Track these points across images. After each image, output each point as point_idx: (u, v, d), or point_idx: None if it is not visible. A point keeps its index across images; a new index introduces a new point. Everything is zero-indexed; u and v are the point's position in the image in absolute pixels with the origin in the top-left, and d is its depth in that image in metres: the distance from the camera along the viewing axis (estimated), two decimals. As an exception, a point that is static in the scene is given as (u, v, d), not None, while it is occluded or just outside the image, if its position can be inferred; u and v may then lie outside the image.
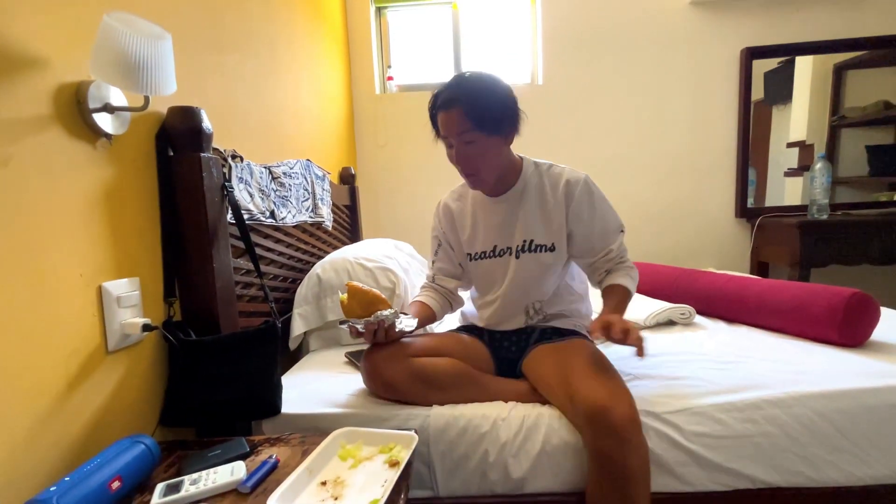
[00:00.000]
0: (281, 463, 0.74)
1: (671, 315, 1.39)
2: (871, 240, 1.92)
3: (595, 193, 1.05)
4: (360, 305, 0.94)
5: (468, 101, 0.94)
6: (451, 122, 0.95)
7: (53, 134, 0.70)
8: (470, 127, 0.94)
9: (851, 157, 2.28)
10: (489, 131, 0.96)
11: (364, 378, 0.99)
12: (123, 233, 0.82)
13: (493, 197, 1.08)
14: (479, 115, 0.94)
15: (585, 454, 0.82)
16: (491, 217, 1.08)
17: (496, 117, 0.96)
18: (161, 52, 0.72)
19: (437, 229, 1.18)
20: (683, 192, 2.33)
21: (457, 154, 0.98)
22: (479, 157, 0.97)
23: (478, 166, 0.99)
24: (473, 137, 0.95)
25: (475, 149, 0.97)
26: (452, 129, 0.96)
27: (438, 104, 0.98)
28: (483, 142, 0.96)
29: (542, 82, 2.33)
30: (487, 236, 1.09)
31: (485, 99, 0.95)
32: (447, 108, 0.95)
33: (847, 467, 0.84)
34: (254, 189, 1.16)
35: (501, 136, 0.99)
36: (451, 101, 0.95)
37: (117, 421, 0.79)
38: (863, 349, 1.06)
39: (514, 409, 0.90)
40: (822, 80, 2.25)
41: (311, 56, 1.87)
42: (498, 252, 1.08)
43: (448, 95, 0.96)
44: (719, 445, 0.84)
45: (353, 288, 0.96)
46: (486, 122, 0.95)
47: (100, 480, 0.62)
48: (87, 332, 0.75)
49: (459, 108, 0.94)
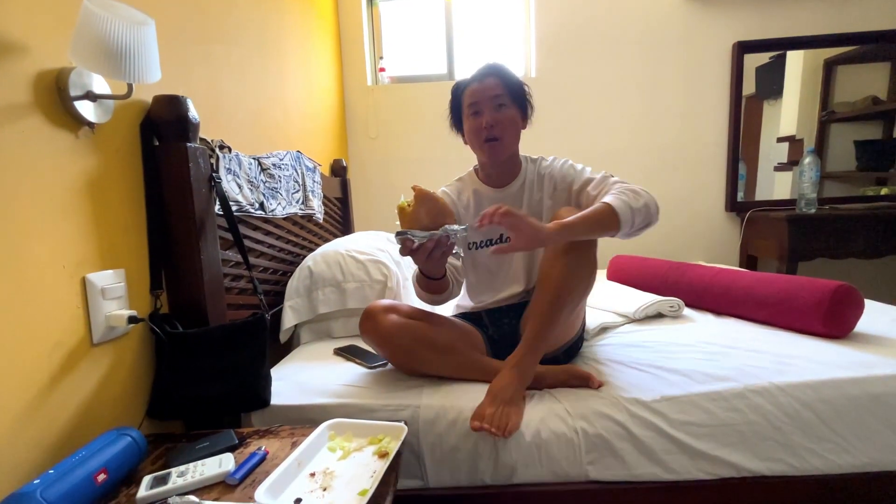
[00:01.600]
0: (270, 455, 0.74)
1: (660, 308, 1.40)
2: (857, 234, 1.95)
3: (565, 160, 1.13)
4: (428, 214, 0.83)
5: (503, 75, 1.06)
6: (486, 88, 1.04)
7: (33, 122, 0.69)
8: (504, 92, 1.04)
9: (840, 151, 2.31)
10: (518, 103, 1.07)
11: (361, 326, 1.02)
12: (108, 224, 0.81)
13: (497, 188, 1.13)
14: (511, 86, 1.05)
15: (575, 444, 0.83)
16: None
17: (523, 94, 1.09)
18: (144, 38, 0.70)
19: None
20: (674, 185, 2.34)
21: (487, 118, 1.03)
22: (506, 122, 1.04)
23: (503, 131, 1.05)
24: (505, 101, 1.04)
25: (505, 114, 1.04)
26: (487, 93, 1.04)
27: (470, 79, 1.07)
28: (511, 110, 1.05)
29: (534, 75, 2.32)
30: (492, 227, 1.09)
31: (515, 79, 1.08)
32: (482, 79, 1.05)
33: (829, 456, 0.86)
34: (242, 180, 1.15)
35: (522, 115, 1.09)
36: (486, 74, 1.05)
37: (103, 414, 0.79)
38: (847, 340, 1.08)
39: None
40: (812, 75, 2.27)
41: (302, 46, 1.84)
42: (505, 239, 1.10)
43: (483, 71, 1.07)
44: (705, 434, 0.85)
45: (422, 193, 0.84)
46: (517, 94, 1.06)
47: (85, 473, 0.62)
48: (71, 324, 0.74)
49: (496, 77, 1.05)
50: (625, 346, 1.17)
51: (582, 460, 0.84)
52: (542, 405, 0.90)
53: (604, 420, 0.85)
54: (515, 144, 1.10)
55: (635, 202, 0.91)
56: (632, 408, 0.86)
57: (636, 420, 0.85)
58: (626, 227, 0.90)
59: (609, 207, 0.90)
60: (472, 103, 1.06)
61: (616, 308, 1.44)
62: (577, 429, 0.85)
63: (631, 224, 0.91)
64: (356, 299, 1.34)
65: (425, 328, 1.00)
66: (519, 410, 0.86)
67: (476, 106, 1.05)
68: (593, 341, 1.24)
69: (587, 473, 0.84)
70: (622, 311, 1.41)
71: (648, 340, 1.19)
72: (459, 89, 1.11)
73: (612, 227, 0.90)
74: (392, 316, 1.00)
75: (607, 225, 0.90)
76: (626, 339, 1.23)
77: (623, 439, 0.84)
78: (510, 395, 0.86)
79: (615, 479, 0.84)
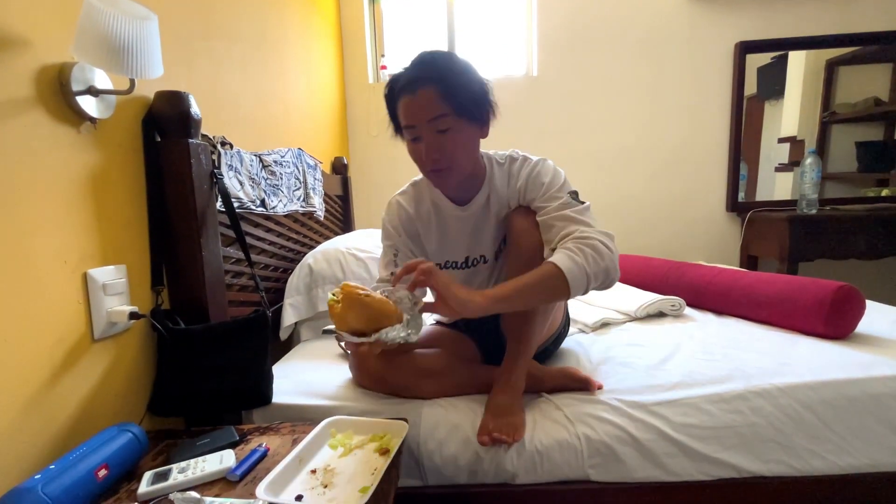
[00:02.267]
0: (271, 451, 0.74)
1: (661, 307, 1.40)
2: (858, 235, 1.95)
3: (538, 164, 0.93)
4: (358, 320, 0.70)
5: (443, 80, 0.79)
6: (420, 105, 0.80)
7: (35, 117, 0.68)
8: (446, 111, 0.80)
9: (841, 152, 2.30)
10: (469, 116, 0.83)
11: (352, 371, 0.99)
12: (109, 219, 0.81)
13: (458, 205, 0.95)
14: (456, 95, 0.80)
15: (578, 450, 0.83)
16: (458, 226, 0.97)
17: (476, 100, 0.83)
18: (147, 33, 0.70)
19: (392, 237, 1.00)
20: (675, 185, 2.34)
21: (427, 146, 0.83)
22: (455, 148, 0.83)
23: (452, 160, 0.84)
24: (450, 124, 0.81)
25: (451, 139, 0.82)
26: (422, 114, 0.81)
27: (401, 86, 0.82)
28: (460, 130, 0.83)
29: (536, 74, 2.32)
30: (457, 247, 0.99)
31: (463, 77, 0.81)
32: (414, 90, 0.80)
33: (829, 456, 0.86)
34: (244, 177, 1.15)
35: (478, 126, 0.87)
36: (420, 81, 0.79)
37: (104, 409, 0.79)
38: (848, 341, 1.08)
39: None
40: (814, 75, 2.26)
41: (303, 43, 1.84)
42: (471, 262, 1.00)
43: (416, 74, 0.80)
44: (706, 436, 0.85)
45: (350, 296, 0.69)
46: (466, 104, 0.81)
47: (86, 468, 0.61)
48: (73, 319, 0.74)
49: (432, 87, 0.79)
50: (625, 344, 1.17)
51: (584, 465, 0.83)
52: (542, 412, 0.89)
53: (605, 425, 0.85)
54: (470, 164, 0.89)
55: (594, 265, 0.77)
56: (633, 411, 0.86)
57: (638, 424, 0.85)
58: (578, 292, 0.78)
59: (557, 272, 0.76)
60: (407, 126, 0.84)
61: (617, 306, 1.44)
62: (580, 435, 0.84)
63: (584, 289, 0.78)
64: (357, 297, 1.34)
65: (416, 359, 0.94)
66: (521, 417, 0.86)
67: (413, 131, 0.84)
68: (594, 337, 1.24)
69: (588, 476, 0.84)
70: (624, 309, 1.41)
71: (649, 339, 1.19)
72: (393, 95, 0.86)
73: (559, 293, 0.78)
74: (383, 359, 0.92)
75: (554, 292, 0.78)
76: (626, 337, 1.23)
77: (625, 444, 0.84)
78: (509, 406, 0.86)
79: (616, 480, 0.84)
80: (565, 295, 0.78)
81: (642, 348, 1.13)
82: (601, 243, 0.80)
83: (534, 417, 0.88)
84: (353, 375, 0.99)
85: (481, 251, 0.99)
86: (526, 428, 0.85)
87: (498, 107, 0.89)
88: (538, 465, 0.84)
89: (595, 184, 2.34)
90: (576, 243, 0.79)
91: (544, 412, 0.89)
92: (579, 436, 0.84)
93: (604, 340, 1.21)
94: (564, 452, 0.84)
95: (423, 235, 1.00)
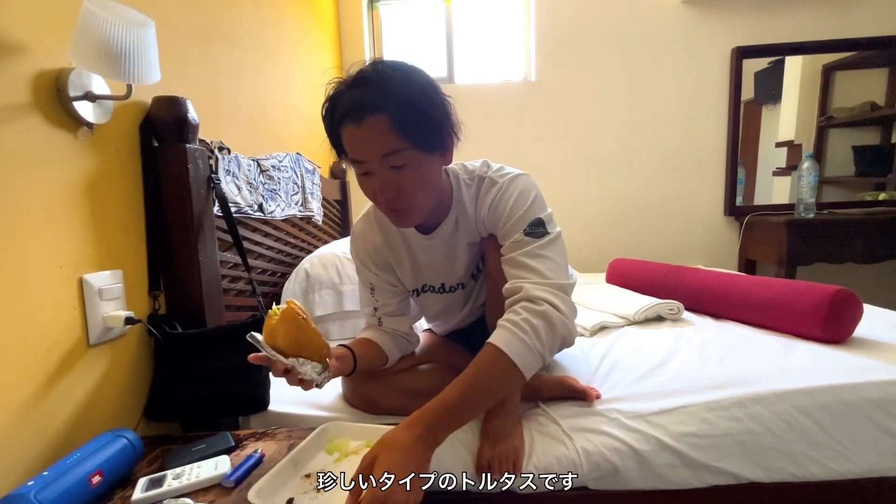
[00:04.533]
0: (266, 457, 0.74)
1: (659, 310, 1.40)
2: (855, 238, 1.95)
3: (503, 188, 0.81)
4: (284, 338, 0.67)
5: (396, 106, 0.65)
6: (369, 138, 0.66)
7: (32, 122, 0.69)
8: (401, 145, 0.67)
9: (838, 156, 2.31)
10: (427, 147, 0.69)
11: (344, 394, 0.96)
12: (106, 224, 0.81)
13: (424, 235, 0.86)
14: (413, 125, 0.66)
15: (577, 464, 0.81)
16: (427, 255, 0.90)
17: (436, 125, 0.70)
18: (144, 39, 0.70)
19: (362, 272, 0.94)
20: (673, 189, 2.34)
21: (381, 185, 0.70)
22: (414, 187, 0.71)
23: (411, 198, 0.71)
24: (405, 159, 0.68)
25: (408, 175, 0.69)
26: (372, 150, 0.67)
27: (344, 112, 0.67)
28: (418, 163, 0.69)
29: (534, 78, 2.33)
30: (431, 274, 0.93)
31: (420, 99, 0.67)
32: (360, 119, 0.65)
33: (828, 462, 0.85)
34: (241, 181, 1.15)
35: (440, 153, 0.74)
36: (366, 108, 0.65)
37: (99, 415, 0.78)
38: (845, 345, 1.07)
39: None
40: (811, 80, 2.28)
41: (302, 47, 1.84)
42: (448, 288, 0.94)
43: (361, 98, 0.65)
44: (705, 444, 0.84)
45: (290, 315, 0.66)
46: (424, 134, 0.68)
47: (80, 475, 0.61)
48: (68, 324, 0.74)
49: (384, 116, 0.65)
50: (623, 349, 1.17)
51: (585, 479, 0.83)
52: (540, 427, 0.87)
53: (604, 437, 0.84)
54: (433, 200, 0.77)
55: (548, 341, 0.67)
56: (631, 422, 0.85)
57: (636, 435, 0.83)
58: (532, 372, 0.67)
59: (502, 356, 0.65)
60: (354, 160, 0.70)
61: (615, 310, 1.43)
62: (578, 449, 0.82)
63: (539, 366, 0.69)
64: (353, 301, 1.34)
65: (409, 379, 0.92)
66: (520, 439, 0.82)
67: (362, 166, 0.70)
68: (592, 340, 1.24)
69: (587, 486, 0.83)
70: (621, 312, 1.41)
71: (647, 344, 1.19)
72: (332, 122, 0.71)
73: (511, 380, 0.67)
74: (374, 384, 0.90)
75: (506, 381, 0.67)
76: (625, 341, 1.22)
77: (625, 456, 0.82)
78: (506, 429, 0.82)
79: (616, 489, 0.84)
80: (517, 379, 0.67)
81: (640, 353, 1.12)
82: (551, 308, 0.68)
83: (531, 433, 0.86)
84: (345, 395, 0.96)
85: (457, 279, 0.93)
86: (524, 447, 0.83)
87: (462, 127, 0.75)
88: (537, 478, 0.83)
89: (593, 187, 2.35)
90: (521, 315, 0.67)
91: (542, 426, 0.87)
92: (578, 450, 0.82)
93: (602, 344, 1.21)
94: (564, 468, 0.82)
95: (395, 264, 0.92)
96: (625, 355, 1.12)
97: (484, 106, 2.31)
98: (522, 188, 0.81)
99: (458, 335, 1.09)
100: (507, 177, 0.83)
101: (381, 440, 0.62)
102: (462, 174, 0.86)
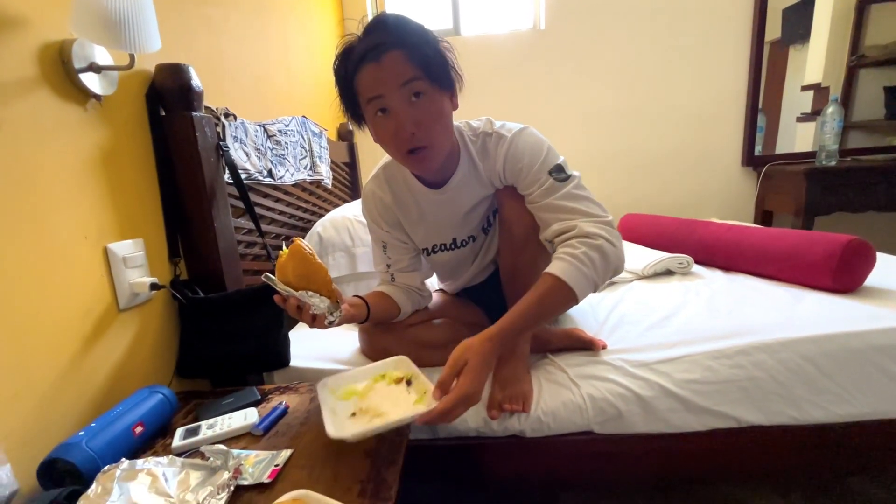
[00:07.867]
0: (291, 409, 0.79)
1: (669, 265, 1.40)
2: (878, 186, 1.88)
3: (514, 140, 0.85)
4: (293, 272, 0.72)
5: (408, 44, 0.71)
6: (388, 70, 0.71)
7: (42, 95, 0.70)
8: (418, 73, 0.72)
9: (868, 99, 2.19)
10: (440, 82, 0.75)
11: (361, 348, 1.01)
12: (123, 194, 0.84)
13: (433, 188, 0.90)
14: (426, 60, 0.72)
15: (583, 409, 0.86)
16: (437, 211, 0.93)
17: (443, 64, 0.75)
18: (141, 6, 0.70)
19: (375, 231, 0.99)
20: (688, 140, 2.27)
21: (401, 118, 0.74)
22: (432, 120, 0.75)
23: (431, 135, 0.76)
24: (423, 87, 0.73)
25: (426, 109, 0.74)
26: (392, 79, 0.71)
27: (360, 55, 0.72)
28: (434, 96, 0.74)
29: (544, 27, 2.22)
30: (441, 231, 0.97)
31: (429, 41, 0.73)
32: (379, 57, 0.71)
33: (829, 406, 0.87)
34: (249, 148, 1.16)
35: (449, 95, 0.79)
36: (383, 46, 0.70)
37: (135, 373, 0.84)
38: (855, 294, 1.07)
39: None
40: (843, 15, 2.12)
41: (304, 7, 1.78)
42: (460, 243, 0.97)
43: (377, 40, 0.71)
44: (708, 391, 0.87)
45: (295, 250, 0.72)
46: (437, 65, 0.74)
47: (124, 425, 0.67)
48: (98, 292, 0.78)
49: (399, 51, 0.71)
50: (631, 303, 1.19)
51: (589, 422, 0.87)
52: (548, 375, 0.91)
53: (609, 384, 0.87)
54: (449, 142, 0.81)
55: (602, 273, 0.76)
56: (636, 370, 0.88)
57: (640, 382, 0.87)
58: (585, 295, 0.76)
59: (563, 286, 0.73)
60: (373, 97, 0.74)
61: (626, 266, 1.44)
62: (584, 395, 0.86)
63: (593, 290, 0.77)
64: (366, 263, 1.37)
65: (422, 332, 0.96)
66: (529, 384, 0.88)
67: (380, 101, 0.73)
68: (600, 295, 1.26)
69: (592, 430, 0.88)
70: (631, 268, 1.42)
71: (655, 297, 1.20)
72: (347, 69, 0.75)
73: (567, 304, 0.76)
74: (389, 335, 0.95)
75: (563, 304, 0.76)
76: (633, 295, 1.24)
77: (629, 401, 0.86)
78: (516, 375, 0.87)
79: (619, 433, 0.88)
80: (573, 304, 0.77)
81: (648, 306, 1.14)
82: (606, 242, 0.76)
83: (539, 380, 0.90)
84: (361, 347, 1.02)
85: (468, 232, 0.97)
86: (539, 395, 0.87)
87: (463, 77, 0.80)
88: (545, 426, 0.88)
89: (604, 140, 2.28)
90: (580, 249, 0.75)
91: (550, 374, 0.92)
92: (584, 396, 0.86)
93: (610, 298, 1.23)
94: (570, 412, 0.86)
95: (405, 223, 0.96)
96: (633, 309, 1.14)
97: (491, 57, 2.22)
98: (534, 139, 0.86)
99: (469, 293, 1.12)
100: (513, 131, 0.87)
101: (469, 347, 0.72)
102: (467, 131, 0.90)
